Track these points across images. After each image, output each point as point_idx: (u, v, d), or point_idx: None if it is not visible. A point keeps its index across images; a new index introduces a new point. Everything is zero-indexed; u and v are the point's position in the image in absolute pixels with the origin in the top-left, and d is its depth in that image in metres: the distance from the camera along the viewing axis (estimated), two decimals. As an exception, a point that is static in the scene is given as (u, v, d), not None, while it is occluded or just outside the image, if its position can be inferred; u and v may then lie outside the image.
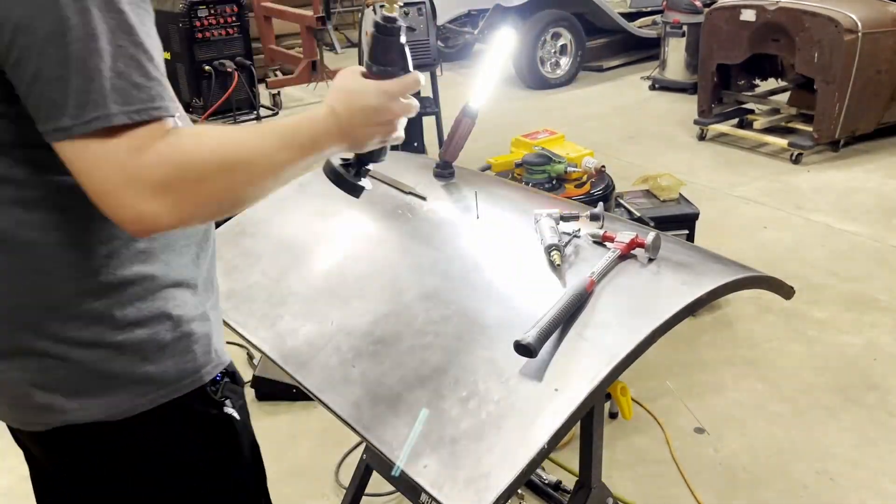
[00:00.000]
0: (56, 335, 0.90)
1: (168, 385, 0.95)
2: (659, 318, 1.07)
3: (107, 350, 0.91)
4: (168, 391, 0.95)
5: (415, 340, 1.18)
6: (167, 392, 0.95)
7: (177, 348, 0.96)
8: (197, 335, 0.98)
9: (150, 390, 0.94)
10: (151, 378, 0.94)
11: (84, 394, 0.92)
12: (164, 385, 0.95)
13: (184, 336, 0.97)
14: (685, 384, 2.60)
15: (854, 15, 4.25)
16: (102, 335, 0.91)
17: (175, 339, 0.96)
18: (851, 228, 3.70)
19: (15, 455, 2.56)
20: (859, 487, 2.12)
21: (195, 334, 0.98)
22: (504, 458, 0.95)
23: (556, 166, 2.60)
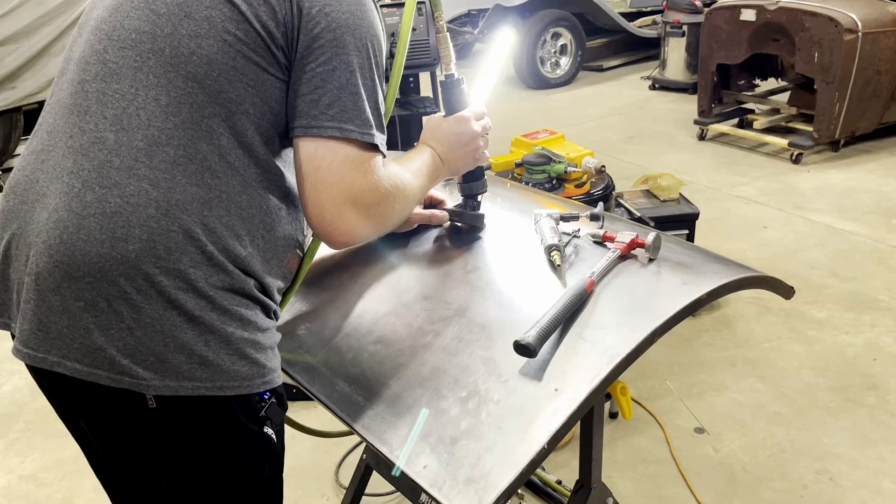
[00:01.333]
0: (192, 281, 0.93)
1: (217, 380, 0.95)
2: (659, 318, 1.07)
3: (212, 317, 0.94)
4: (213, 386, 0.95)
5: (415, 340, 1.18)
6: (213, 387, 0.95)
7: (246, 348, 0.97)
8: (266, 345, 1.02)
9: (198, 377, 0.94)
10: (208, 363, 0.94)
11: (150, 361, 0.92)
12: (213, 379, 0.95)
13: (258, 342, 0.99)
14: (685, 384, 2.60)
15: (854, 15, 4.25)
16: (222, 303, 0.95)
17: (252, 340, 0.98)
18: (851, 228, 3.70)
19: (15, 455, 2.57)
20: (859, 487, 2.12)
21: (267, 343, 1.02)
22: (504, 458, 0.95)
23: (556, 166, 2.60)
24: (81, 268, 0.90)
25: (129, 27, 0.97)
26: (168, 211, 0.91)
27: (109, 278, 0.90)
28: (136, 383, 0.92)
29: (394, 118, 4.08)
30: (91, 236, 0.90)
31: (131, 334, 0.91)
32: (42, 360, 0.94)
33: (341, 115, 0.97)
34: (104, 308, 0.90)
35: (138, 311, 0.91)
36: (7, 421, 2.63)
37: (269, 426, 1.03)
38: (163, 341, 0.92)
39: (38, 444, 2.50)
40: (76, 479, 2.33)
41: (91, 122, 0.95)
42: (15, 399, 2.73)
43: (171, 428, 0.98)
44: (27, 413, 2.66)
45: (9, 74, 5.00)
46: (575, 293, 1.12)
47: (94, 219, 0.91)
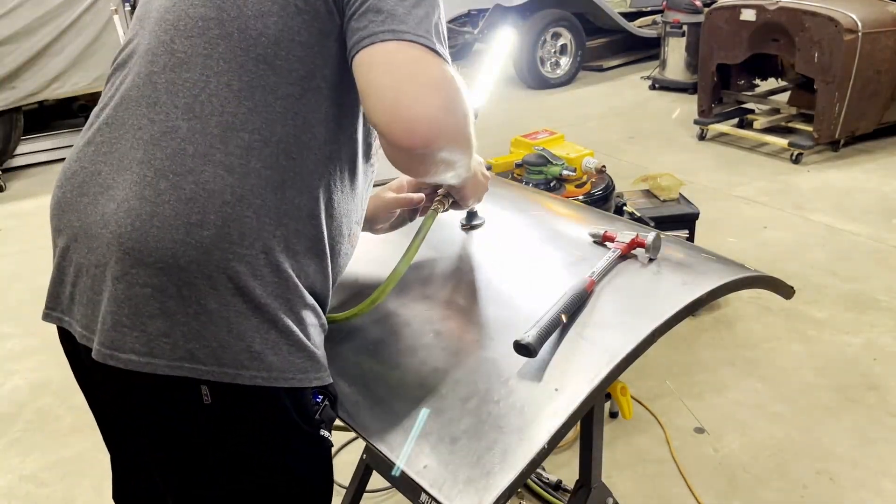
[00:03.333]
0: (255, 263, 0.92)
1: (274, 370, 0.94)
2: (659, 318, 1.07)
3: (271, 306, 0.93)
4: (270, 376, 0.94)
5: (415, 340, 1.18)
6: (269, 377, 0.94)
7: (303, 340, 0.97)
8: (319, 341, 1.02)
9: (256, 366, 0.93)
10: (266, 353, 0.93)
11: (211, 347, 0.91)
12: (271, 369, 0.94)
13: (312, 336, 0.99)
14: (685, 384, 2.60)
15: (854, 15, 4.25)
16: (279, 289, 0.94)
17: (308, 333, 0.98)
18: (851, 228, 3.70)
19: (15, 455, 2.56)
20: (859, 487, 2.12)
21: (319, 339, 1.02)
22: (504, 458, 0.95)
23: (553, 168, 2.60)
24: (154, 254, 0.89)
25: (194, 15, 0.96)
26: (243, 196, 0.91)
27: (181, 264, 0.89)
28: (195, 369, 0.91)
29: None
30: (165, 222, 0.90)
31: (196, 319, 0.90)
32: (97, 352, 0.94)
33: (392, 20, 0.90)
34: (173, 293, 0.90)
35: (206, 296, 0.90)
36: (7, 421, 2.63)
37: (324, 428, 1.03)
38: (227, 327, 0.91)
39: (38, 444, 2.50)
40: (76, 479, 2.33)
41: (162, 113, 0.94)
42: (15, 399, 2.73)
43: (226, 425, 0.97)
44: (27, 413, 2.66)
45: (9, 74, 5.00)
46: (575, 293, 1.12)
47: (168, 205, 0.90)
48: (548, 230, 1.47)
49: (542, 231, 1.46)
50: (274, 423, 0.98)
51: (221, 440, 0.98)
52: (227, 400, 0.94)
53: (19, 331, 3.12)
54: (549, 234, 1.45)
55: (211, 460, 1.00)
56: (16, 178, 5.38)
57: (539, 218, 1.51)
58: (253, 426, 0.98)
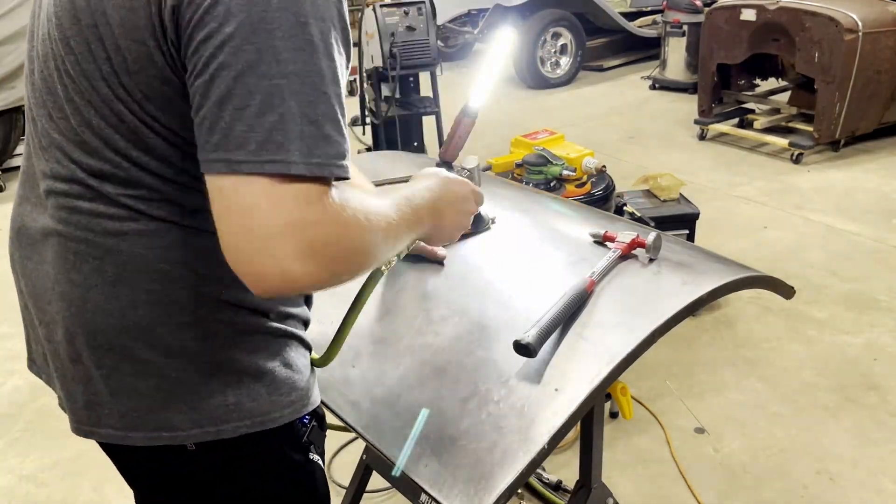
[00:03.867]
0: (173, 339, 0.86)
1: (257, 416, 0.91)
2: (659, 318, 1.07)
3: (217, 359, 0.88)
4: (254, 423, 0.90)
5: (415, 340, 1.18)
6: (253, 423, 0.90)
7: (278, 378, 0.92)
8: (300, 365, 0.96)
9: (236, 417, 0.89)
10: (243, 402, 0.89)
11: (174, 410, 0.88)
12: (252, 415, 0.90)
13: (291, 364, 0.94)
14: (685, 384, 2.60)
15: (854, 15, 4.25)
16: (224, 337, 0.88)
17: (285, 363, 0.93)
18: (851, 228, 3.70)
19: (15, 455, 2.56)
20: (859, 487, 2.12)
21: (300, 363, 0.96)
22: (504, 458, 0.95)
23: (553, 168, 2.60)
24: (97, 338, 0.86)
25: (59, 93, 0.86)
26: (169, 271, 0.85)
27: (126, 344, 0.86)
28: (174, 437, 0.88)
29: (394, 118, 4.08)
30: (98, 307, 0.86)
31: (160, 390, 0.87)
32: (77, 429, 0.92)
33: (225, 143, 0.70)
34: (128, 370, 0.87)
35: (163, 368, 0.87)
36: (7, 421, 2.63)
37: (313, 451, 1.00)
38: (195, 391, 0.88)
39: (38, 444, 2.50)
40: (76, 479, 2.33)
41: None
42: (15, 399, 2.73)
43: (214, 469, 0.94)
44: (27, 413, 2.66)
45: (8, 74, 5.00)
46: (575, 293, 1.12)
47: (96, 290, 0.85)
48: (548, 230, 1.47)
49: (543, 231, 1.46)
50: (263, 459, 0.96)
51: (210, 483, 0.96)
52: (211, 446, 0.91)
53: (19, 331, 3.11)
54: (549, 234, 1.44)
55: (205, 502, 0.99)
56: (15, 178, 5.38)
57: (539, 218, 1.50)
58: (241, 465, 0.96)
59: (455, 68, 7.36)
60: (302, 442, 0.98)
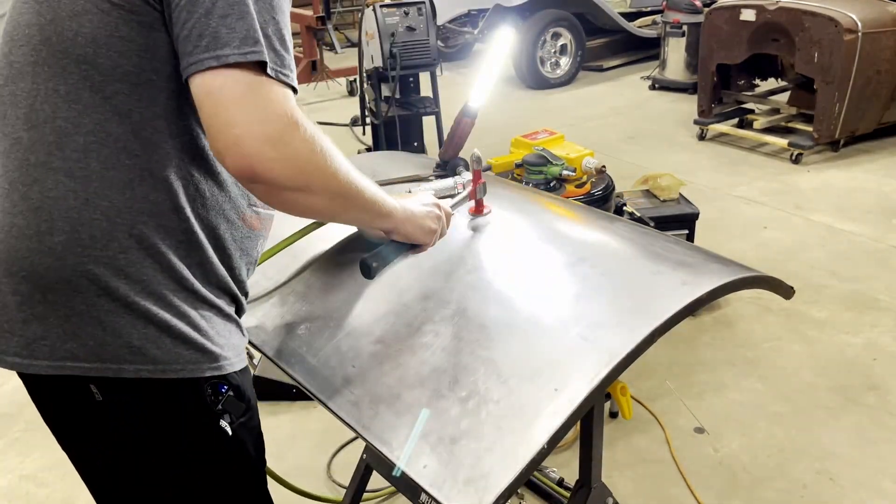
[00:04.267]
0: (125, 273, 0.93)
1: (159, 363, 0.95)
2: (659, 318, 1.07)
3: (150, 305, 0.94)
4: (155, 369, 0.95)
5: (414, 340, 1.18)
6: (154, 370, 0.95)
7: (186, 336, 0.97)
8: (216, 330, 1.01)
9: (139, 360, 0.94)
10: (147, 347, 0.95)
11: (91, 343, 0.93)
12: (155, 362, 0.95)
13: (201, 326, 0.99)
14: (685, 384, 2.60)
15: (854, 15, 4.25)
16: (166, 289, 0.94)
17: (196, 325, 0.98)
18: (851, 228, 3.70)
19: (15, 455, 2.56)
20: (859, 487, 2.12)
21: (217, 328, 1.01)
22: (504, 458, 0.95)
23: (552, 168, 2.60)
24: (16, 263, 0.93)
25: (22, 23, 0.95)
26: (88, 200, 0.91)
27: (39, 271, 0.92)
28: (78, 367, 0.94)
29: (394, 118, 4.09)
30: (20, 233, 0.93)
31: (68, 321, 0.93)
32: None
33: (214, 43, 0.86)
34: (39, 299, 0.93)
35: (72, 299, 0.92)
36: (7, 421, 2.63)
37: (225, 419, 1.03)
38: (100, 326, 0.93)
39: (38, 444, 2.50)
40: (76, 479, 2.31)
41: (9, 126, 0.96)
42: (15, 399, 2.73)
43: (120, 419, 0.99)
44: (27, 413, 2.66)
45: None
46: None
47: (21, 216, 0.93)
48: (548, 230, 1.47)
49: (542, 231, 1.46)
50: (169, 415, 1.00)
51: (119, 435, 1.00)
52: (118, 396, 0.96)
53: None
54: (548, 234, 1.44)
55: (113, 456, 1.03)
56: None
57: (539, 218, 1.51)
58: (146, 419, 0.99)
59: (455, 68, 7.36)
60: (213, 407, 1.01)
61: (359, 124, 5.15)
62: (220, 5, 0.87)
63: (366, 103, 4.61)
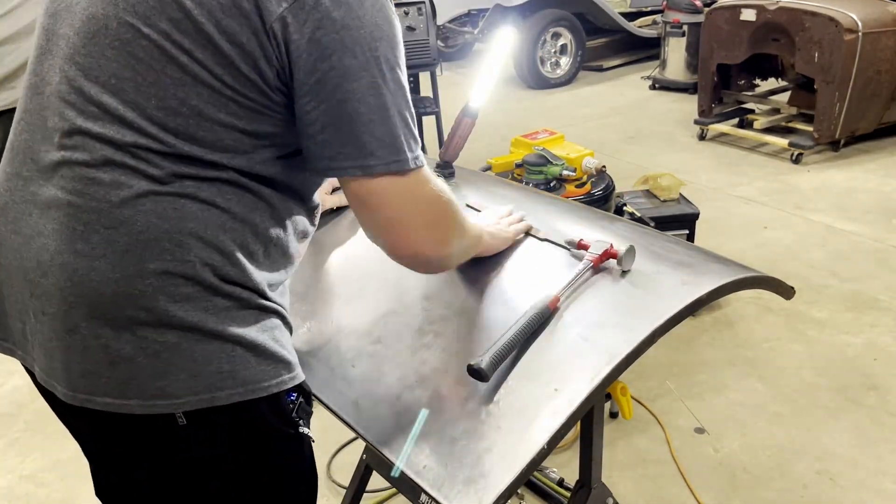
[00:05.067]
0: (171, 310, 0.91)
1: (249, 384, 0.94)
2: (659, 318, 1.07)
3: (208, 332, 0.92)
4: (246, 390, 0.94)
5: (415, 340, 1.18)
6: (245, 391, 0.94)
7: (268, 350, 0.96)
8: (285, 340, 1.01)
9: (230, 384, 0.93)
10: (237, 370, 0.94)
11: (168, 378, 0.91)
12: (245, 383, 0.94)
13: (278, 339, 0.99)
14: (685, 384, 2.60)
15: (854, 15, 4.25)
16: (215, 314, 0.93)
17: (273, 338, 0.98)
18: (851, 228, 3.70)
19: (15, 455, 2.56)
20: (859, 487, 2.12)
21: (286, 339, 1.01)
22: (504, 458, 0.95)
23: (552, 168, 2.60)
24: (99, 308, 0.89)
25: (108, 70, 0.90)
26: (182, 242, 0.90)
27: (128, 314, 0.89)
28: (170, 404, 0.91)
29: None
30: (104, 276, 0.89)
31: (158, 358, 0.90)
32: (73, 397, 0.94)
33: (358, 153, 0.91)
34: (128, 338, 0.90)
35: (162, 335, 0.90)
36: (7, 421, 2.63)
37: (302, 425, 1.03)
38: (191, 358, 0.91)
39: (38, 444, 2.50)
40: (76, 479, 2.33)
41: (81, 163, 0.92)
42: (15, 399, 2.73)
43: (205, 444, 0.97)
44: (27, 413, 2.66)
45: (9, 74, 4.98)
46: (536, 312, 1.09)
47: (104, 259, 0.89)
48: (548, 230, 1.46)
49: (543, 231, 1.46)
50: (253, 431, 0.99)
51: (201, 458, 0.98)
52: (203, 419, 0.94)
53: (19, 331, 3.12)
54: (548, 234, 1.44)
55: (195, 479, 1.01)
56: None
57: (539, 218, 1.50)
58: (231, 438, 0.98)
59: (455, 68, 7.36)
60: (290, 416, 1.01)
61: (359, 124, 5.14)
62: (364, 112, 0.90)
63: (366, 103, 4.60)
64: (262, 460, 1.02)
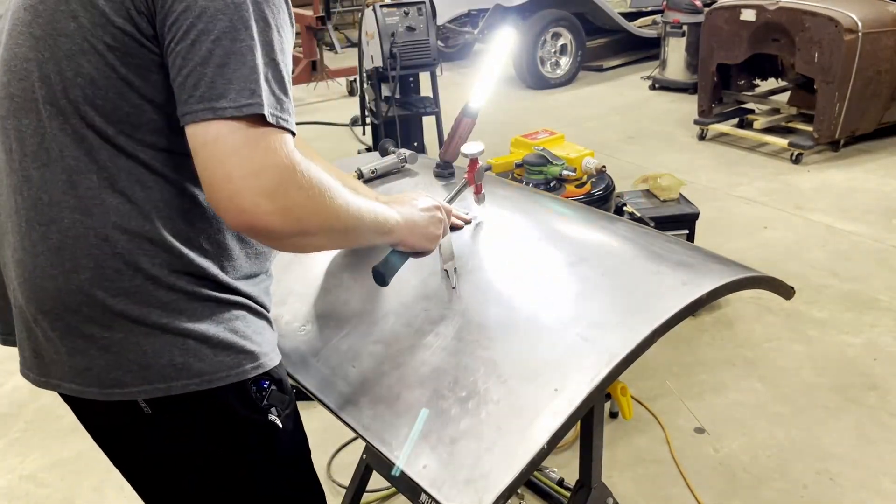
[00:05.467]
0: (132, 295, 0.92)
1: (205, 375, 0.95)
2: (659, 318, 1.07)
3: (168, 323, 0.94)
4: (202, 381, 0.95)
5: (415, 340, 1.18)
6: (201, 381, 0.95)
7: (224, 341, 0.97)
8: (250, 330, 1.01)
9: (185, 375, 0.94)
10: (191, 362, 0.95)
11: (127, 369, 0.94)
12: (201, 374, 0.95)
13: (237, 329, 0.99)
14: (685, 384, 2.60)
15: (854, 15, 4.25)
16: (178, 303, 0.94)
17: (231, 328, 0.98)
18: (851, 228, 3.70)
19: (15, 455, 2.56)
20: (859, 487, 2.12)
21: (251, 328, 1.01)
22: (504, 458, 0.95)
23: (552, 168, 2.60)
24: (47, 302, 0.93)
25: (20, 55, 0.92)
26: (108, 236, 0.91)
27: (72, 308, 0.92)
28: (126, 392, 0.94)
29: (394, 118, 4.09)
30: (46, 273, 0.93)
31: (108, 351, 0.93)
32: (44, 383, 0.99)
33: (209, 93, 0.84)
34: (77, 333, 0.93)
35: (108, 330, 0.92)
36: (7, 421, 2.63)
37: (273, 414, 1.03)
38: (140, 351, 0.93)
39: (38, 444, 2.50)
40: (76, 479, 2.33)
41: (16, 161, 0.94)
42: (15, 399, 2.73)
43: (171, 432, 0.99)
44: (27, 413, 2.66)
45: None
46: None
47: (43, 256, 0.93)
48: (548, 230, 1.47)
49: (542, 231, 1.46)
50: (219, 420, 1.00)
51: (171, 447, 1.01)
52: (167, 408, 0.96)
53: (19, 331, 3.12)
54: (548, 234, 1.44)
55: (168, 469, 1.04)
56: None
57: (539, 218, 1.50)
58: (199, 427, 0.99)
59: (455, 68, 7.36)
60: (260, 404, 1.02)
61: (359, 124, 5.15)
62: (218, 53, 0.84)
63: (366, 103, 4.61)
64: (237, 452, 1.03)
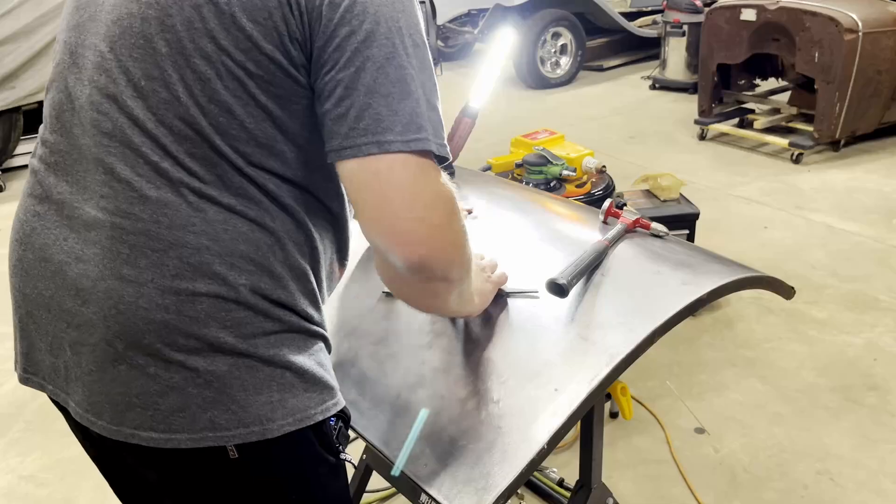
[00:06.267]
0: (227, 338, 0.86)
1: (298, 412, 0.90)
2: (659, 318, 1.07)
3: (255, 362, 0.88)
4: (296, 420, 0.90)
5: (415, 340, 1.18)
6: (294, 420, 0.90)
7: (315, 376, 0.92)
8: (328, 364, 0.97)
9: (281, 415, 0.89)
10: (286, 398, 0.89)
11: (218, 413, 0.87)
12: (294, 412, 0.90)
13: (322, 363, 0.95)
14: (685, 384, 2.60)
15: (854, 14, 4.25)
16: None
17: (318, 362, 0.94)
18: (852, 228, 3.70)
19: (15, 455, 2.56)
20: (859, 487, 2.12)
21: (328, 362, 0.97)
22: (504, 457, 0.95)
23: (552, 168, 2.60)
24: (147, 336, 0.84)
25: (146, 73, 0.86)
26: (233, 265, 0.85)
27: (178, 342, 0.85)
28: (220, 437, 0.86)
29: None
30: (153, 303, 0.84)
31: (209, 387, 0.86)
32: (116, 432, 0.88)
33: (375, 126, 0.81)
34: (177, 368, 0.85)
35: (212, 363, 0.85)
36: (7, 421, 2.63)
37: (343, 452, 0.99)
38: (241, 387, 0.86)
39: (38, 444, 2.50)
40: (76, 479, 2.33)
41: (124, 181, 0.86)
42: (15, 399, 2.73)
43: (256, 475, 0.92)
44: (27, 413, 2.66)
45: (9, 74, 4.99)
46: (595, 249, 1.20)
47: (152, 285, 0.84)
48: (548, 230, 1.47)
49: (543, 231, 1.46)
50: (302, 460, 0.95)
51: (253, 490, 0.94)
52: (254, 451, 0.89)
53: (19, 331, 3.12)
54: (549, 233, 1.44)
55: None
56: (16, 178, 5.38)
57: (539, 218, 1.50)
58: (283, 469, 0.94)
59: (455, 68, 7.36)
60: (335, 443, 0.97)
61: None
62: (383, 83, 0.81)
63: (366, 103, 4.60)
64: (305, 489, 0.97)
